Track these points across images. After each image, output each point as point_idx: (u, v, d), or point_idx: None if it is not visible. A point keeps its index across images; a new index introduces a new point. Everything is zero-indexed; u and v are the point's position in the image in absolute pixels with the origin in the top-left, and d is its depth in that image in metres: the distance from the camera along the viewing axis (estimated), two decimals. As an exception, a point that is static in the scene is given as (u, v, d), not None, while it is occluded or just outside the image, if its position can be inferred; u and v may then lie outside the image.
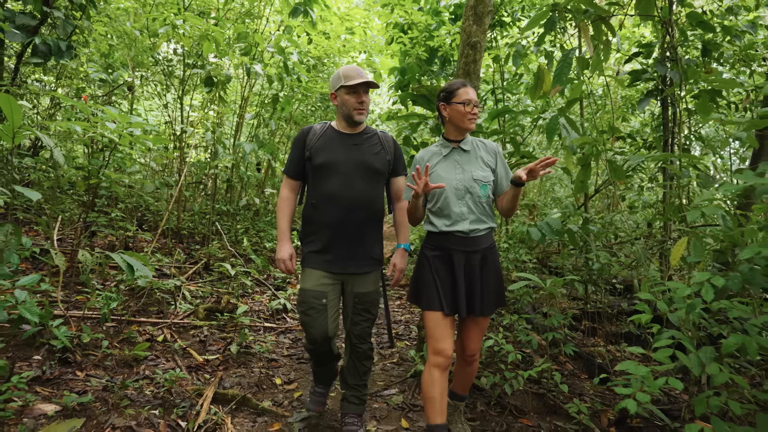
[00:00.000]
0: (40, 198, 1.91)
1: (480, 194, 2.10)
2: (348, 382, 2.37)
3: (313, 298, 2.19)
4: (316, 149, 2.27)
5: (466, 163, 2.15)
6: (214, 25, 5.53)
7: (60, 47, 5.00)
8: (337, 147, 2.26)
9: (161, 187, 4.39)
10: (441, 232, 2.12)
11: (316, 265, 2.24)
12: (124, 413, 2.12)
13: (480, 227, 2.10)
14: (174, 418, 2.22)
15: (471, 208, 2.10)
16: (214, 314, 3.46)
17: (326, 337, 2.22)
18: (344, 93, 2.21)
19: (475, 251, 2.10)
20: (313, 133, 2.32)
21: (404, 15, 5.25)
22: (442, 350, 2.03)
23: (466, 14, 3.01)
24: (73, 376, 2.32)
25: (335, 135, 2.29)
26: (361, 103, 2.22)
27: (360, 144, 2.28)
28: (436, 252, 2.14)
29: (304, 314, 2.20)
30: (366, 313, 2.30)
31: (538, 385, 2.88)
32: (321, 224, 2.24)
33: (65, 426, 1.93)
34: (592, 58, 2.65)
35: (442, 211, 2.11)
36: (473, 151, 2.18)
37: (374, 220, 2.29)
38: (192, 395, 2.42)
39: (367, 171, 2.24)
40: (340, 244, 2.23)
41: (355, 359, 2.34)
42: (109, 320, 2.76)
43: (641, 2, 2.59)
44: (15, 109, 2.74)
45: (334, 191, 2.19)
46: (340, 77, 2.23)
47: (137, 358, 2.60)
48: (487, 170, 2.14)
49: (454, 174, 2.12)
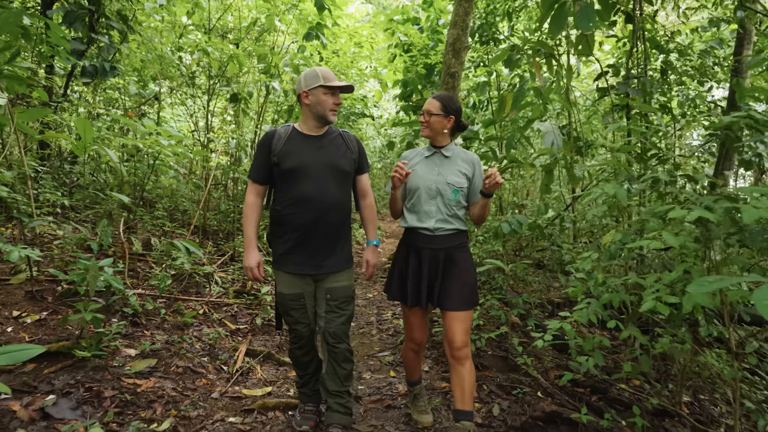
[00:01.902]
0: (128, 200, 2.75)
1: (450, 197, 2.33)
2: (329, 388, 2.37)
3: (291, 300, 2.32)
4: (282, 153, 2.28)
5: (443, 167, 2.36)
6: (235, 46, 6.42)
7: (105, 68, 5.90)
8: (304, 150, 2.28)
9: (193, 189, 5.26)
10: (410, 228, 2.39)
11: (289, 267, 2.31)
12: (183, 357, 2.96)
13: (445, 227, 2.33)
14: (218, 364, 3.06)
15: (439, 208, 2.33)
16: (241, 295, 4.31)
17: (311, 331, 2.40)
18: (322, 93, 2.26)
19: (440, 249, 2.33)
20: (278, 137, 2.32)
21: (405, 36, 6.05)
22: (412, 338, 2.51)
23: (447, 49, 3.80)
24: (141, 333, 3.17)
25: (301, 138, 2.32)
26: (336, 104, 2.30)
27: (326, 146, 2.32)
28: (406, 247, 2.41)
29: (287, 315, 2.36)
30: (339, 309, 2.34)
31: (505, 351, 3.65)
32: (293, 227, 2.28)
33: (144, 363, 2.78)
34: (545, 88, 3.42)
35: (414, 207, 2.37)
36: (453, 158, 2.39)
37: (345, 219, 2.39)
38: (230, 349, 3.26)
39: (336, 172, 2.31)
40: (313, 245, 2.29)
41: (334, 362, 2.35)
42: (163, 294, 3.62)
43: (579, 45, 3.34)
44: (88, 129, 3.62)
45: (307, 194, 2.24)
46: (318, 77, 2.27)
47: (186, 324, 3.45)
48: (462, 177, 2.36)
49: (430, 174, 2.35)
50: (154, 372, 2.73)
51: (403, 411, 2.76)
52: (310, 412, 2.52)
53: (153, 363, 2.80)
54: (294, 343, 2.43)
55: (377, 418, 2.66)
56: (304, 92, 2.29)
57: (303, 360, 2.47)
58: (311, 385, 2.54)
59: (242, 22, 6.58)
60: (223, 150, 6.92)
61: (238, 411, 2.56)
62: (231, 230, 6.03)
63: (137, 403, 2.39)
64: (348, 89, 2.34)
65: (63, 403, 2.23)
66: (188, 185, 5.23)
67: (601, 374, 3.17)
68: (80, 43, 5.85)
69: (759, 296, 1.29)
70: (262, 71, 5.83)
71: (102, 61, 5.89)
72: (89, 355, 2.61)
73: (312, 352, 2.49)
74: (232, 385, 2.84)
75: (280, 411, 2.64)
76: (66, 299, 3.20)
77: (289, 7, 6.31)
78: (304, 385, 2.53)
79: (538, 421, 2.62)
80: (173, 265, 3.83)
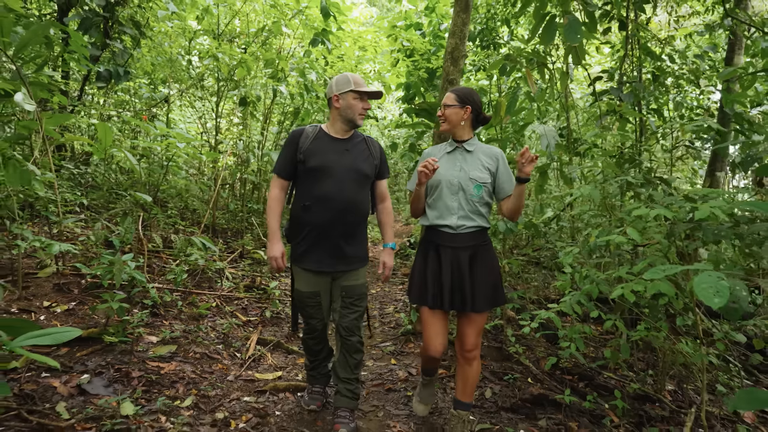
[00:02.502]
0: (150, 200, 3.03)
1: (473, 193, 2.29)
2: (340, 375, 2.54)
3: (308, 298, 2.47)
4: (309, 152, 2.39)
5: (465, 162, 2.34)
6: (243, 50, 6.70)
7: (119, 73, 6.19)
8: (329, 151, 2.40)
9: (204, 189, 5.55)
10: (431, 226, 2.35)
11: (306, 264, 2.43)
12: (200, 345, 3.24)
13: (468, 224, 2.29)
14: (232, 351, 3.34)
15: (461, 204, 2.29)
16: (250, 290, 4.59)
17: (325, 325, 2.58)
18: (352, 97, 2.37)
19: (463, 248, 2.28)
20: (306, 136, 2.43)
21: (408, 41, 6.32)
22: (430, 347, 2.36)
23: (446, 57, 4.06)
24: (161, 323, 3.45)
25: (327, 139, 2.44)
26: (365, 109, 2.42)
27: (350, 149, 2.44)
28: (427, 247, 2.37)
29: (303, 310, 2.53)
30: (354, 306, 2.49)
31: (500, 343, 3.91)
32: (312, 225, 2.39)
33: (165, 348, 3.06)
34: (537, 94, 3.67)
35: (435, 204, 2.34)
36: (475, 153, 2.36)
37: (361, 221, 2.49)
38: (242, 338, 3.53)
39: (357, 175, 2.41)
40: (330, 244, 2.40)
41: (346, 352, 2.51)
42: (179, 288, 3.90)
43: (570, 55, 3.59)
44: (108, 133, 3.91)
45: (327, 194, 2.35)
46: (350, 82, 2.38)
47: (201, 315, 3.73)
48: (485, 172, 2.32)
49: (452, 170, 2.33)
50: (175, 357, 3.01)
51: (402, 394, 3.02)
52: (317, 393, 2.76)
53: (173, 349, 3.08)
54: (307, 334, 2.62)
55: (378, 400, 2.93)
56: (335, 96, 2.40)
57: (315, 348, 2.69)
58: (320, 369, 2.76)
59: (250, 27, 6.87)
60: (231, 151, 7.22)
61: (251, 392, 2.83)
62: (239, 229, 6.32)
63: (161, 383, 2.67)
64: (377, 95, 2.43)
65: (96, 382, 2.52)
66: (199, 185, 5.52)
67: (588, 363, 3.43)
68: (95, 48, 6.14)
69: (698, 282, 1.55)
70: (270, 75, 6.11)
71: (116, 65, 6.19)
72: (116, 341, 2.89)
73: (323, 342, 2.68)
74: (246, 369, 3.11)
75: (289, 392, 2.91)
76: (91, 291, 3.49)
77: (296, 13, 6.59)
78: (314, 368, 2.75)
79: (526, 403, 2.88)
80: (188, 261, 4.11)
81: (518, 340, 3.78)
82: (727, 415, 2.96)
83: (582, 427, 2.63)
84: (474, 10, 6.84)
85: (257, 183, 7.17)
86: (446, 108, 2.35)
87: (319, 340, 2.65)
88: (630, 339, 3.01)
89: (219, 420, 2.44)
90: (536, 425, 2.66)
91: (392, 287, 5.86)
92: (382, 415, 2.75)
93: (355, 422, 2.53)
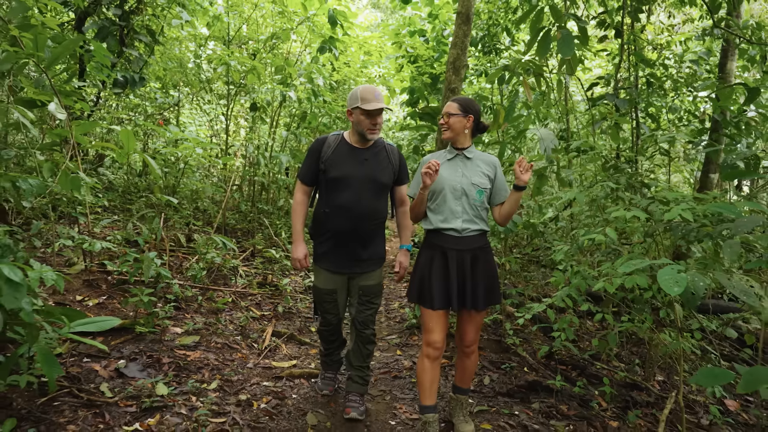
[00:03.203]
0: (176, 201, 3.33)
1: (475, 197, 2.42)
2: (353, 363, 2.78)
3: (325, 295, 2.67)
4: (330, 162, 2.54)
5: (466, 169, 2.45)
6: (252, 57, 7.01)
7: (135, 79, 6.50)
8: (349, 161, 2.54)
9: (217, 191, 5.85)
10: (436, 230, 2.44)
11: (325, 265, 2.64)
12: (221, 336, 3.54)
13: (471, 227, 2.41)
14: (250, 342, 3.63)
15: (465, 209, 2.41)
16: (263, 286, 4.89)
17: (339, 319, 2.79)
18: (360, 113, 2.48)
19: (467, 250, 2.41)
20: (328, 145, 2.58)
21: (412, 48, 6.61)
22: (432, 342, 2.42)
23: (448, 67, 4.34)
24: (183, 316, 3.75)
25: (347, 149, 2.58)
26: (374, 125, 2.51)
27: (370, 159, 2.58)
28: (432, 250, 2.46)
29: (320, 305, 2.73)
30: (369, 303, 2.70)
31: (499, 336, 4.19)
32: (331, 230, 2.57)
33: (189, 338, 3.36)
34: (533, 102, 3.96)
35: (439, 208, 2.43)
36: (475, 160, 2.49)
37: (379, 226, 2.67)
38: (258, 330, 3.83)
39: (375, 185, 2.57)
40: (347, 248, 2.58)
41: (360, 343, 2.74)
42: (197, 284, 4.20)
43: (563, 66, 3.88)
44: (131, 139, 4.21)
45: (345, 203, 2.51)
46: (358, 98, 2.46)
47: (219, 309, 4.03)
48: (485, 178, 2.46)
49: (454, 176, 2.43)
50: (198, 346, 3.31)
51: (407, 380, 3.31)
52: (329, 379, 3.01)
53: (197, 339, 3.38)
54: (323, 326, 2.82)
55: (386, 385, 3.22)
56: (348, 111, 2.55)
57: (329, 338, 2.90)
58: (333, 356, 3.00)
59: (260, 34, 7.17)
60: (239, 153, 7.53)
61: (269, 377, 3.13)
62: (249, 229, 6.62)
63: (189, 368, 2.97)
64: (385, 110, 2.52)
65: (132, 366, 2.82)
66: (212, 187, 5.83)
67: (581, 354, 3.71)
68: (112, 55, 6.46)
69: (661, 274, 1.84)
70: (279, 82, 6.41)
71: (132, 72, 6.50)
72: (146, 331, 3.20)
73: (337, 333, 2.88)
74: (263, 358, 3.41)
75: (304, 379, 3.20)
76: (118, 287, 3.79)
77: (303, 20, 6.89)
78: (328, 355, 2.98)
79: (521, 389, 3.16)
80: (205, 259, 4.42)
81: (516, 334, 4.06)
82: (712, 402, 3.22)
83: (572, 410, 2.91)
84: (476, 16, 7.12)
85: (266, 185, 7.48)
86: (450, 117, 2.44)
87: (333, 331, 2.86)
88: (617, 330, 3.28)
89: (243, 401, 2.73)
90: (530, 408, 2.94)
91: (397, 285, 6.14)
92: (389, 399, 3.04)
93: (365, 405, 2.77)
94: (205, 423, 2.43)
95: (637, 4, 5.16)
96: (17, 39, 3.54)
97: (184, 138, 5.13)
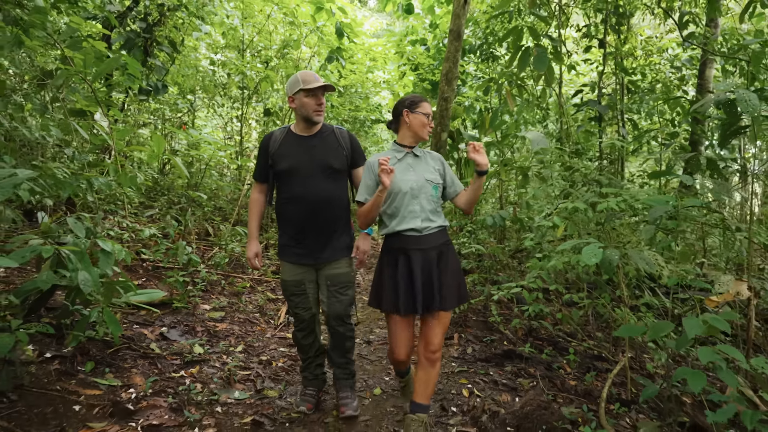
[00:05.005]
0: (206, 198, 4.00)
1: (432, 193, 2.42)
2: (335, 360, 2.75)
3: (293, 287, 2.61)
4: (278, 156, 2.54)
5: (417, 167, 2.44)
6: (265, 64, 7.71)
7: (158, 87, 7.22)
8: (297, 151, 2.52)
9: (234, 190, 6.55)
10: (396, 233, 2.38)
11: (290, 257, 2.60)
12: (243, 312, 4.22)
13: (431, 225, 2.39)
14: (267, 318, 4.31)
15: (423, 207, 2.38)
16: (276, 274, 5.57)
17: (312, 315, 2.67)
18: (303, 96, 2.47)
19: (431, 248, 2.38)
20: (274, 140, 2.58)
21: (413, 56, 7.27)
22: (395, 353, 2.45)
23: (441, 79, 4.99)
24: (209, 296, 4.43)
25: (294, 139, 2.57)
26: (319, 105, 2.49)
27: (318, 145, 2.55)
28: (393, 254, 2.40)
29: (289, 300, 2.66)
30: (339, 294, 2.59)
31: (485, 318, 4.81)
32: (290, 222, 2.56)
33: (217, 314, 4.04)
34: (516, 109, 4.59)
35: (397, 211, 2.38)
36: (423, 157, 2.49)
37: (339, 213, 2.61)
38: (274, 310, 4.51)
39: (327, 171, 2.53)
40: (309, 238, 2.55)
41: (336, 340, 2.68)
42: (219, 270, 4.89)
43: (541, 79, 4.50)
44: (160, 143, 4.90)
45: (298, 193, 2.49)
46: (299, 81, 2.47)
47: (239, 292, 4.71)
48: (436, 174, 2.47)
49: (408, 175, 2.40)
50: (225, 320, 3.99)
51: (402, 350, 3.96)
52: (309, 396, 2.80)
53: (222, 315, 4.06)
54: (296, 326, 2.72)
55: (383, 353, 3.87)
56: (290, 97, 2.54)
57: (304, 343, 2.75)
58: (312, 369, 2.84)
59: (272, 43, 7.86)
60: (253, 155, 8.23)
61: (284, 345, 3.79)
62: (262, 224, 7.32)
63: (218, 335, 3.65)
64: (328, 88, 2.53)
65: (173, 332, 3.50)
66: (230, 185, 6.53)
67: (555, 330, 4.33)
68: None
69: (585, 250, 2.47)
70: (291, 88, 7.10)
71: (156, 80, 7.22)
72: (181, 306, 3.88)
73: (312, 336, 2.75)
74: (279, 331, 4.08)
75: (314, 347, 3.86)
76: (153, 272, 4.48)
77: (312, 30, 7.57)
78: (306, 369, 2.84)
79: (497, 356, 3.79)
80: (227, 249, 5.11)
81: (500, 315, 4.70)
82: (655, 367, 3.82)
83: (538, 371, 3.54)
84: (475, 24, 7.76)
85: (277, 183, 8.19)
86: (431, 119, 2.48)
87: (307, 332, 2.73)
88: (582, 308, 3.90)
89: (264, 360, 3.40)
90: (503, 370, 3.57)
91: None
92: (385, 363, 3.69)
93: (356, 400, 2.77)
94: (235, 373, 3.10)
95: (618, 19, 5.78)
96: (68, 58, 4.25)
97: (205, 141, 5.84)
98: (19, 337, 2.18)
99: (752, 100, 2.29)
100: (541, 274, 3.62)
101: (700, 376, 2.08)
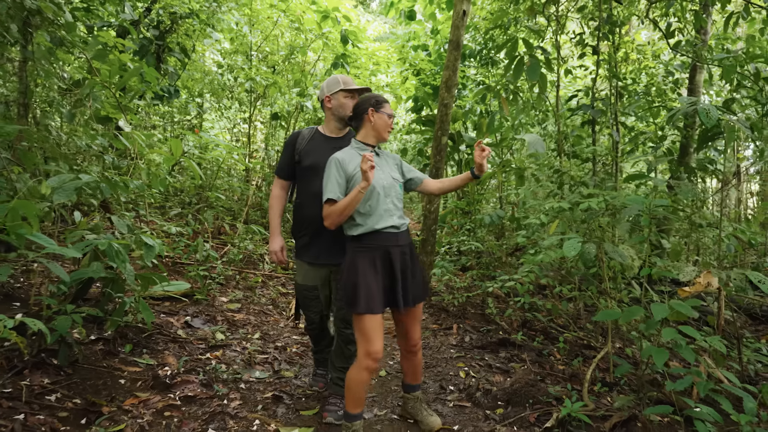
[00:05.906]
0: (224, 198, 4.38)
1: (400, 192, 2.47)
2: (335, 364, 2.76)
3: (306, 290, 2.70)
4: (304, 153, 2.62)
5: (382, 165, 2.47)
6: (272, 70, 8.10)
7: (170, 92, 7.61)
8: (323, 150, 2.58)
9: (244, 189, 6.94)
10: (375, 231, 2.33)
11: (305, 257, 2.65)
12: (257, 304, 4.60)
13: (404, 222, 2.44)
14: (280, 310, 4.69)
15: (396, 205, 2.41)
16: (286, 270, 5.95)
17: (322, 316, 2.80)
18: (342, 96, 2.59)
19: (406, 245, 2.44)
20: (302, 138, 2.67)
21: (415, 61, 7.65)
22: (374, 352, 2.27)
23: (441, 86, 5.34)
24: (226, 290, 4.81)
25: (322, 139, 2.66)
26: None
27: (343, 146, 2.56)
28: (370, 253, 2.33)
29: (302, 302, 2.77)
30: None
31: (482, 311, 5.18)
32: (308, 221, 2.59)
33: (234, 305, 4.42)
34: (511, 115, 4.96)
35: (372, 209, 2.33)
36: (383, 156, 2.53)
37: None
38: (285, 303, 4.89)
39: None
40: (327, 238, 2.58)
41: (342, 343, 2.70)
42: (235, 266, 5.27)
43: (534, 87, 4.86)
44: (178, 147, 5.27)
45: (318, 190, 2.44)
46: (339, 82, 2.60)
47: (253, 286, 5.09)
48: (398, 172, 2.55)
49: (378, 173, 2.38)
50: (241, 311, 4.37)
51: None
52: (320, 375, 3.05)
53: (239, 306, 4.44)
54: (308, 325, 2.92)
55: (387, 342, 4.25)
56: (327, 97, 2.63)
57: (316, 337, 3.00)
58: (325, 353, 3.05)
59: (278, 49, 8.25)
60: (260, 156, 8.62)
61: (297, 334, 4.17)
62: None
63: (237, 324, 4.03)
64: (366, 91, 2.63)
65: (196, 321, 3.88)
66: (241, 185, 6.92)
67: (548, 322, 4.69)
68: (151, 71, 7.55)
69: (566, 244, 2.84)
70: (298, 93, 7.48)
71: (168, 85, 7.61)
72: (202, 298, 4.26)
73: (324, 332, 2.95)
74: (291, 321, 4.46)
75: (323, 336, 4.24)
76: (173, 267, 4.87)
77: (318, 36, 7.95)
78: (319, 352, 3.06)
79: (493, 344, 4.16)
80: (240, 246, 5.49)
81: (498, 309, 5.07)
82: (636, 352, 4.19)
83: (529, 357, 3.91)
84: (475, 30, 8.12)
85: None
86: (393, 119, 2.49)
87: (318, 331, 2.92)
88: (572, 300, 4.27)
89: (279, 346, 3.78)
90: (498, 356, 3.94)
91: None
92: (389, 349, 4.06)
93: (343, 410, 2.52)
94: (254, 357, 3.48)
95: (610, 27, 6.14)
96: (94, 69, 4.64)
97: (216, 144, 6.22)
98: (75, 319, 2.56)
99: (711, 112, 2.65)
100: (534, 268, 3.99)
101: (663, 353, 2.45)
